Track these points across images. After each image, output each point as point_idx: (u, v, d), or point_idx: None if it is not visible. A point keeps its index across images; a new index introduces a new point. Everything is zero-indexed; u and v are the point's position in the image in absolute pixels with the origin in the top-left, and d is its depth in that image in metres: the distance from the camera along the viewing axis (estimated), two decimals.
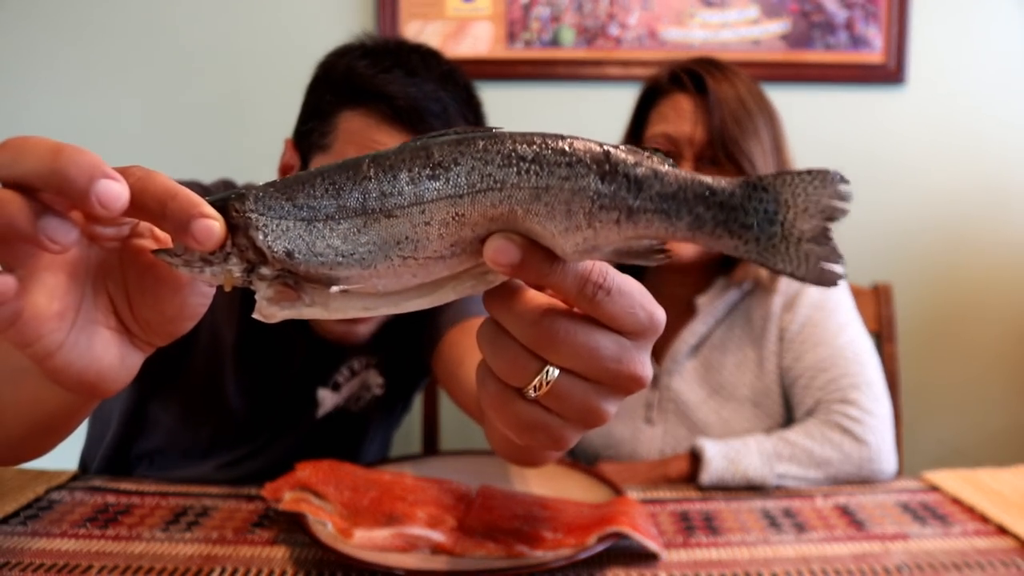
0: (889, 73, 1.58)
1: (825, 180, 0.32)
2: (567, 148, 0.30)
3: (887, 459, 0.88)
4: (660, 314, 0.35)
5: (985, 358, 1.68)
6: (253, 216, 0.32)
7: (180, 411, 0.92)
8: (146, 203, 0.32)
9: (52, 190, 0.30)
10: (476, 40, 1.58)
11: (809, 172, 0.32)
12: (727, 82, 0.98)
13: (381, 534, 0.68)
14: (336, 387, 0.95)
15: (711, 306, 1.01)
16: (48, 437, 0.49)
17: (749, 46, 1.58)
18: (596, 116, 1.63)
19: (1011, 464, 0.90)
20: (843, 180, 0.32)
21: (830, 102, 1.61)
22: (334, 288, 0.32)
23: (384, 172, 0.31)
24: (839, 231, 0.34)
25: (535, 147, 0.30)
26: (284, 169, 0.84)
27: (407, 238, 0.31)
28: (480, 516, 0.72)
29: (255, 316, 0.34)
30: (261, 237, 0.32)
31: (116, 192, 0.30)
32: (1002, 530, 0.73)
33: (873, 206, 1.63)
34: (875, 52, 1.58)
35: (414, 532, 0.68)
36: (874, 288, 1.29)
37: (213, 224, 0.32)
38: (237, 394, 0.91)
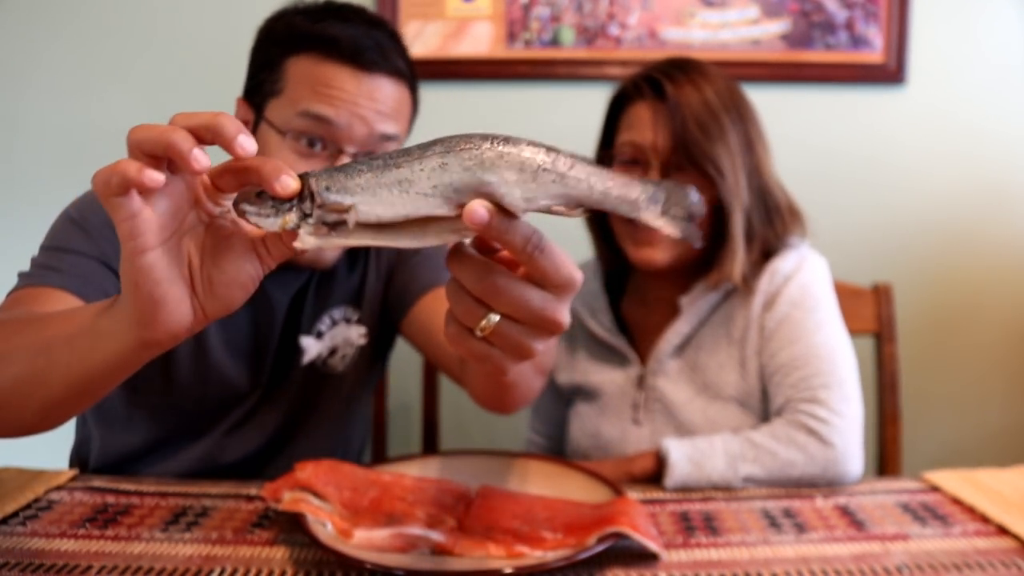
0: (889, 73, 1.58)
1: (688, 193, 0.46)
2: (527, 140, 0.43)
3: (853, 461, 0.87)
4: (578, 274, 0.46)
5: (986, 358, 1.68)
6: (313, 178, 0.46)
7: (167, 380, 0.93)
8: (257, 166, 0.46)
9: (211, 135, 0.44)
10: (476, 40, 1.58)
11: (679, 186, 0.46)
12: (690, 85, 0.96)
13: (381, 534, 0.68)
14: (319, 335, 0.98)
15: (694, 306, 1.01)
16: (82, 399, 0.57)
17: (749, 46, 1.58)
18: (596, 116, 1.63)
19: (1011, 464, 0.90)
20: (697, 195, 0.46)
21: (830, 102, 1.61)
22: (351, 216, 0.45)
23: (402, 149, 0.44)
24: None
25: (507, 137, 0.43)
26: None
27: (406, 179, 0.44)
28: (480, 516, 0.72)
29: (295, 244, 0.47)
30: (314, 183, 0.46)
31: (251, 143, 0.45)
32: (1003, 530, 0.73)
33: (873, 206, 1.63)
34: (875, 52, 1.58)
35: (414, 532, 0.68)
36: (874, 288, 1.29)
37: (291, 179, 0.45)
38: (222, 352, 0.93)
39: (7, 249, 0.91)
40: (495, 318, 0.46)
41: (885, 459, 1.27)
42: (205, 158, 0.44)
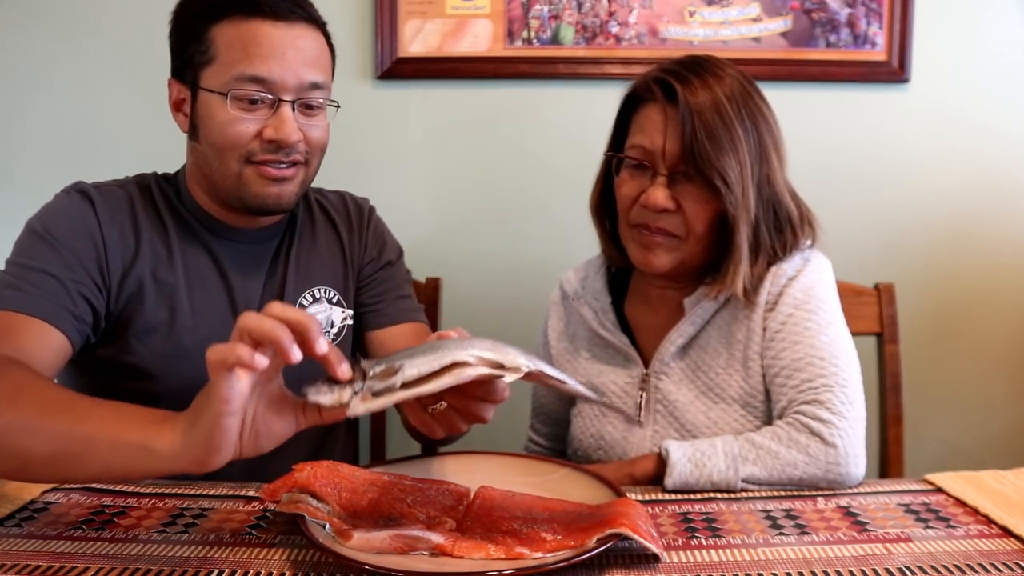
0: (892, 71, 1.58)
1: None
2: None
3: (855, 463, 0.86)
4: (506, 395, 0.69)
5: (988, 358, 1.68)
6: (364, 362, 0.63)
7: (145, 368, 0.94)
8: (327, 357, 0.62)
9: (301, 330, 0.59)
10: (476, 38, 1.57)
11: None
12: (704, 89, 0.93)
13: (379, 536, 0.67)
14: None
15: (698, 307, 1.00)
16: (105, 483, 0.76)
17: (750, 44, 1.58)
18: (597, 114, 1.61)
19: (1013, 464, 0.89)
20: None
21: (832, 101, 1.60)
22: (398, 377, 0.61)
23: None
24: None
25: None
26: (176, 104, 0.95)
27: (441, 346, 0.63)
28: (479, 517, 0.71)
29: (348, 414, 0.63)
30: (365, 364, 0.62)
31: (327, 345, 0.61)
32: (1006, 532, 0.72)
33: (876, 205, 1.62)
34: (878, 50, 1.57)
35: (413, 534, 0.68)
36: (876, 288, 1.29)
37: (348, 368, 0.62)
38: (193, 327, 0.95)
39: (5, 247, 0.91)
40: (443, 405, 0.68)
41: (887, 460, 1.26)
42: (299, 354, 0.59)
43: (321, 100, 0.93)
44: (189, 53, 0.91)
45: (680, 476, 0.85)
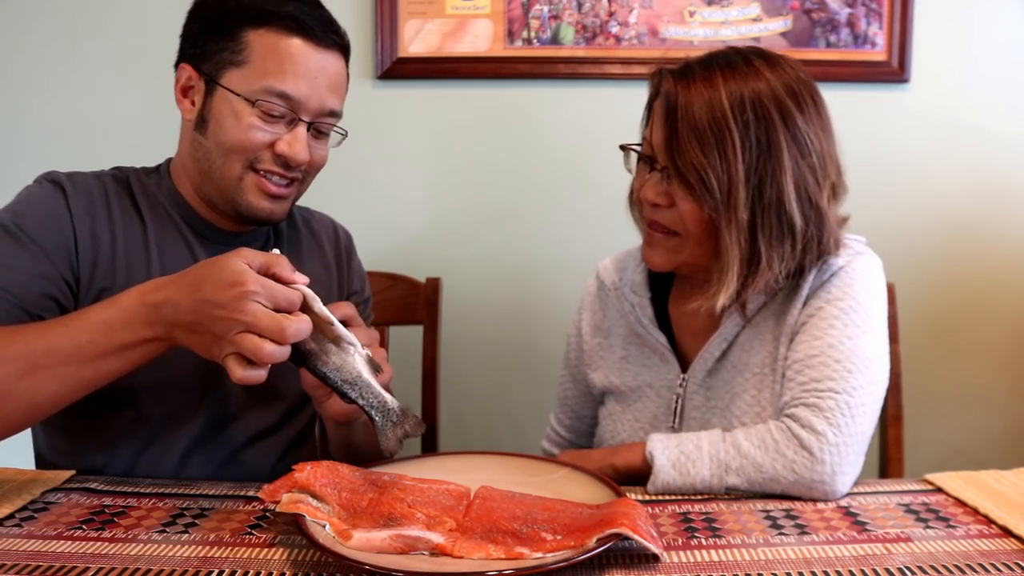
0: (892, 71, 1.58)
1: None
2: None
3: (841, 481, 0.82)
4: None
5: (988, 359, 1.67)
6: None
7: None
8: None
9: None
10: (476, 38, 1.57)
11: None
12: (705, 83, 0.88)
13: (379, 536, 0.67)
14: None
15: (736, 314, 0.96)
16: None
17: (750, 44, 1.57)
18: (597, 114, 1.62)
19: (1015, 465, 0.89)
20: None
21: (832, 100, 1.57)
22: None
23: None
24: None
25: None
26: (184, 90, 0.95)
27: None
28: (479, 517, 0.71)
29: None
30: None
31: None
32: (1006, 532, 0.72)
33: (876, 205, 1.62)
34: (878, 50, 1.57)
35: (413, 534, 0.68)
36: None
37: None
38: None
39: None
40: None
41: (888, 460, 1.26)
42: None
43: (332, 127, 0.95)
44: (217, 48, 0.91)
45: (663, 483, 0.84)
